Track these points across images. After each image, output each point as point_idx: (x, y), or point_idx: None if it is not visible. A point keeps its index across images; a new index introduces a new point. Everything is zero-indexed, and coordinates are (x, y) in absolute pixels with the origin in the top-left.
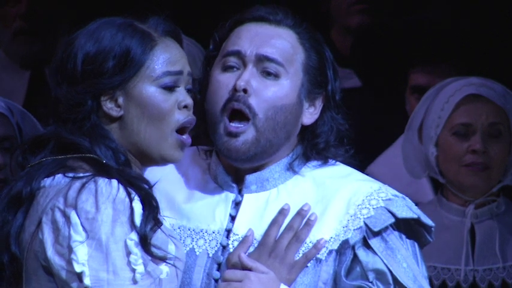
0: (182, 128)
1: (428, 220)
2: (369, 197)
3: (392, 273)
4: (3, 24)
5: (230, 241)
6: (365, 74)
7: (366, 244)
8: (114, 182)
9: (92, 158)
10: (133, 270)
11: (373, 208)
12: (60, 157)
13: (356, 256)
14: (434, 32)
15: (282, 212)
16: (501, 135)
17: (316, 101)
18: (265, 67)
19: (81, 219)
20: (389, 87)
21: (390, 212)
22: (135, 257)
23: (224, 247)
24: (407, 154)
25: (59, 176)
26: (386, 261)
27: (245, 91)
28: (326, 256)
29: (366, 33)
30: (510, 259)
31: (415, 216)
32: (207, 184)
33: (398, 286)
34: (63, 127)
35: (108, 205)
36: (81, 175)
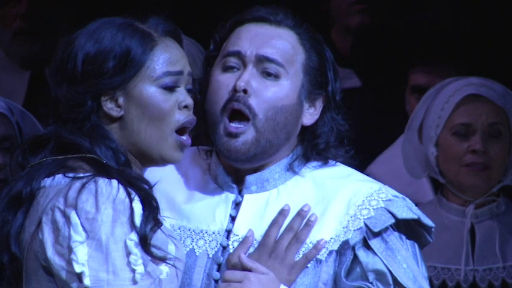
0: (182, 128)
1: (428, 221)
2: (369, 198)
3: (392, 273)
4: (3, 24)
5: (230, 242)
6: (365, 74)
7: (366, 245)
8: (114, 182)
9: (92, 158)
10: (133, 270)
11: (373, 209)
12: (60, 157)
13: (356, 257)
14: (434, 32)
15: (282, 213)
16: (501, 135)
17: (316, 102)
18: (265, 68)
19: (81, 219)
20: (389, 87)
21: (390, 213)
22: (135, 257)
23: (224, 248)
24: (407, 154)
25: (59, 176)
26: (386, 261)
27: (245, 91)
28: (326, 257)
29: (366, 33)
30: (510, 259)
31: (415, 216)
32: (207, 184)
33: (398, 287)
34: (63, 127)
35: (108, 205)
36: (81, 175)
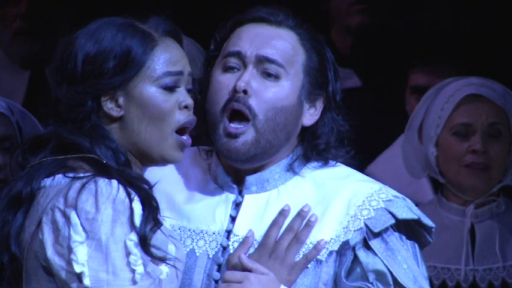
0: (182, 129)
1: (428, 221)
2: (369, 198)
3: (392, 274)
4: (3, 24)
5: (230, 242)
6: (365, 74)
7: (366, 245)
8: (114, 183)
9: (92, 158)
10: (133, 270)
11: (373, 209)
12: (60, 157)
13: (356, 257)
14: (434, 32)
15: (282, 213)
16: (501, 135)
17: (316, 102)
18: (265, 68)
19: (81, 219)
20: (389, 87)
21: (390, 213)
22: (135, 258)
23: (224, 248)
24: (407, 154)
25: (59, 176)
26: (386, 262)
27: (245, 92)
28: (326, 257)
29: (366, 33)
30: (510, 259)
31: (416, 217)
32: (208, 185)
33: (398, 287)
34: (63, 127)
35: (108, 205)
36: (81, 175)
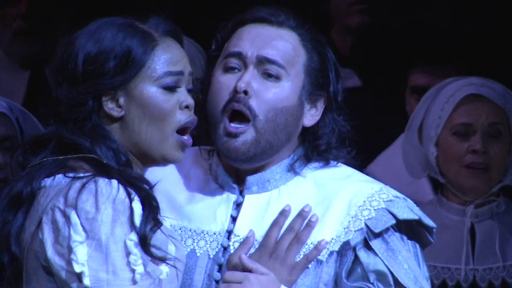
0: (183, 129)
1: (429, 221)
2: (370, 198)
3: (393, 274)
4: (3, 24)
5: (231, 242)
6: (365, 74)
7: (367, 245)
8: (114, 182)
9: (93, 158)
10: (132, 270)
11: (374, 209)
12: (61, 157)
13: (357, 257)
14: (434, 32)
15: (283, 213)
16: (501, 135)
17: (317, 103)
18: (266, 69)
19: (81, 219)
20: (389, 87)
21: (391, 213)
22: (135, 258)
23: (225, 248)
24: (407, 154)
25: (60, 176)
26: (387, 262)
27: (245, 93)
28: (327, 257)
29: (366, 33)
30: (510, 258)
31: (416, 217)
32: (208, 185)
33: (399, 287)
34: (64, 127)
35: (108, 205)
36: (81, 175)
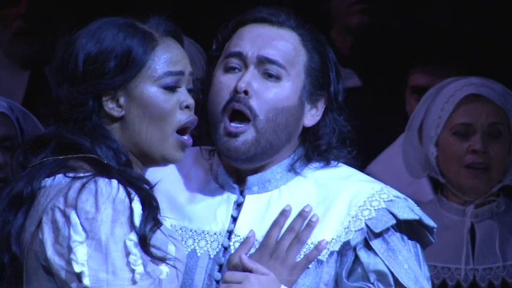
0: (183, 129)
1: (430, 221)
2: (371, 198)
3: (393, 274)
4: (3, 24)
5: (232, 242)
6: (365, 74)
7: (367, 245)
8: (114, 182)
9: (93, 158)
10: (132, 270)
11: (374, 209)
12: (61, 157)
13: (357, 257)
14: (434, 32)
15: (284, 213)
16: (501, 135)
17: (318, 103)
18: (266, 69)
19: (81, 219)
20: (389, 87)
21: (392, 213)
22: (135, 258)
23: (226, 248)
24: (407, 154)
25: (60, 176)
26: (387, 262)
27: (246, 93)
28: (327, 257)
29: (366, 33)
30: (510, 258)
31: (417, 217)
32: (209, 185)
33: (399, 287)
34: (64, 127)
35: (108, 205)
36: (81, 175)
